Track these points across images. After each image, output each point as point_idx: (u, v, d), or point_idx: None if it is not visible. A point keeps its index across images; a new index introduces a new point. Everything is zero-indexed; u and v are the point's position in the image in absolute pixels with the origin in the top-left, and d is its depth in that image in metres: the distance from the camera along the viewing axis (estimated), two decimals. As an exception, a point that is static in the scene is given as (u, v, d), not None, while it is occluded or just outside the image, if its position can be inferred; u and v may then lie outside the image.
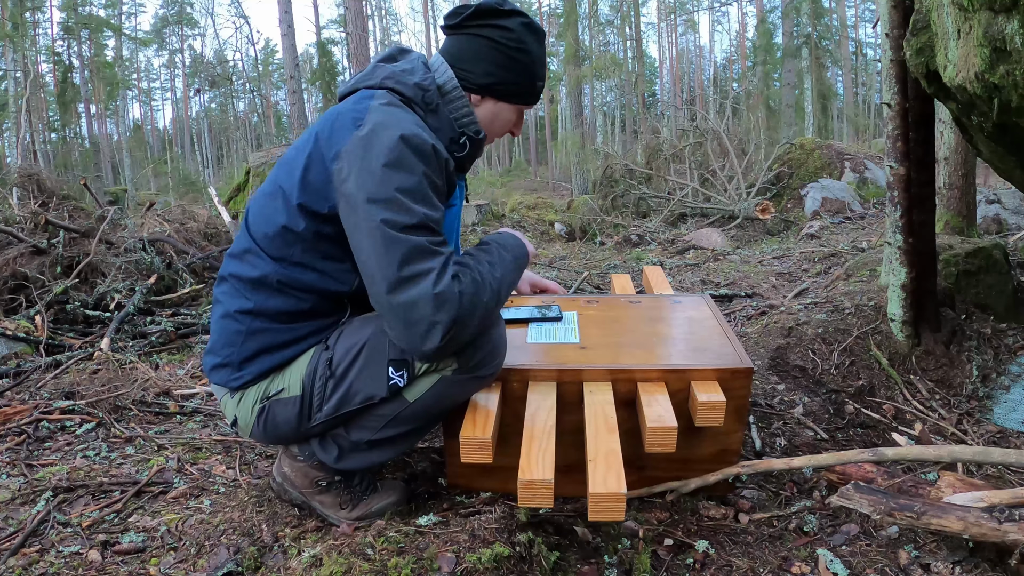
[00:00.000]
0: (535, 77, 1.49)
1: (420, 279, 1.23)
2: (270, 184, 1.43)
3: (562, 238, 7.31)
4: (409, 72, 1.41)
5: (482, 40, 1.42)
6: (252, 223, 1.43)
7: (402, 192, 1.25)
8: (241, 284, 1.41)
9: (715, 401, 1.43)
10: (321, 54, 20.70)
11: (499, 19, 1.42)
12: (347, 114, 1.34)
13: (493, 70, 1.43)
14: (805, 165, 7.82)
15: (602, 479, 1.23)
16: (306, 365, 1.40)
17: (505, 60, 1.43)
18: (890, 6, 2.12)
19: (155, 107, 44.30)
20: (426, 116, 1.40)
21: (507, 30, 1.42)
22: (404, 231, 1.23)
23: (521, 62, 1.44)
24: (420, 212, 1.25)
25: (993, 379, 2.25)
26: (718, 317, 1.86)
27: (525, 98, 1.50)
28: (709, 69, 39.21)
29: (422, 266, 1.23)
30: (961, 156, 3.74)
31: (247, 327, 1.40)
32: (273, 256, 1.38)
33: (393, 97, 1.37)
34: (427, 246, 1.25)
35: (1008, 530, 1.24)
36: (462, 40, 1.45)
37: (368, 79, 1.43)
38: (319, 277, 1.38)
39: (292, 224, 1.35)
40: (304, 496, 1.54)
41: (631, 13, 20.04)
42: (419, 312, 1.23)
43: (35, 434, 2.05)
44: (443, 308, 1.23)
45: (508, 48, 1.42)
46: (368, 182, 1.25)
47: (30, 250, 3.58)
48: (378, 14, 37.03)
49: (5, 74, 20.08)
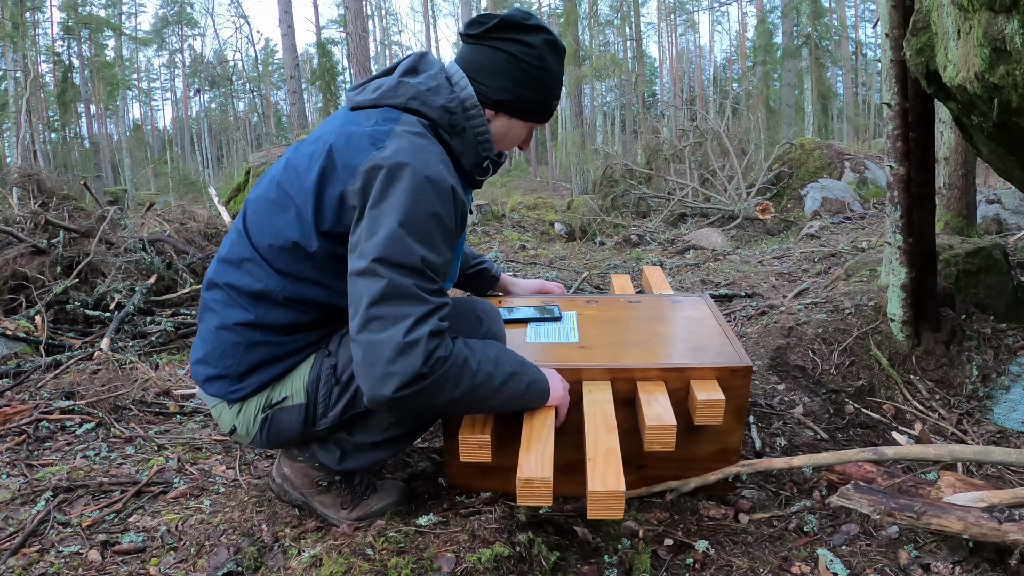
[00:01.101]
0: (551, 96, 1.45)
1: (393, 322, 1.18)
2: (276, 191, 1.35)
3: (562, 238, 7.31)
4: (435, 92, 1.35)
5: (502, 54, 1.37)
6: (254, 231, 1.37)
7: (406, 229, 1.20)
8: (240, 295, 1.36)
9: (714, 400, 1.43)
10: (321, 54, 20.70)
11: (522, 34, 1.37)
12: (366, 132, 1.29)
13: (510, 86, 1.39)
14: (805, 165, 7.82)
15: (601, 477, 1.23)
16: (308, 372, 1.38)
17: (523, 77, 1.39)
18: (890, 6, 2.12)
19: (155, 107, 44.35)
20: (451, 140, 1.37)
21: (529, 46, 1.37)
22: (393, 269, 1.19)
23: (539, 80, 1.41)
24: (418, 254, 1.20)
25: (993, 379, 2.25)
26: (717, 317, 1.86)
27: (538, 116, 1.46)
28: (709, 69, 39.22)
29: (399, 309, 1.18)
30: (961, 156, 3.75)
31: (247, 340, 1.36)
32: (280, 271, 1.33)
33: (419, 124, 1.32)
34: (412, 290, 1.19)
35: (1008, 530, 1.24)
36: (483, 52, 1.39)
37: (392, 96, 1.36)
38: (328, 294, 1.33)
39: (305, 243, 1.30)
40: (304, 496, 1.54)
41: (631, 13, 20.04)
42: (379, 355, 1.18)
43: (35, 434, 2.05)
44: (404, 360, 1.17)
45: (527, 65, 1.38)
46: (375, 215, 1.21)
47: (30, 250, 3.58)
48: (378, 14, 37.06)
49: (5, 74, 20.10)
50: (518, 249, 6.17)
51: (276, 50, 35.91)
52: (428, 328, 1.19)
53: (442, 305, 1.24)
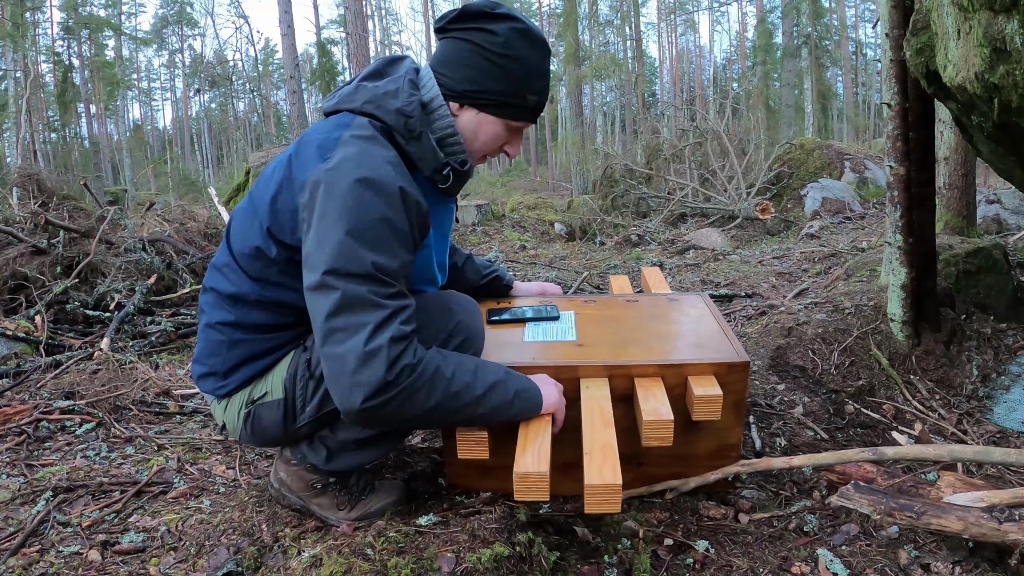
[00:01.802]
0: (524, 88, 1.35)
1: (352, 332, 1.16)
2: (249, 200, 1.40)
3: (562, 238, 7.31)
4: (392, 95, 1.32)
5: (464, 43, 1.32)
6: (233, 238, 1.41)
7: (353, 237, 1.18)
8: (221, 298, 1.41)
9: (711, 395, 1.43)
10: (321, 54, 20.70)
11: (486, 22, 1.31)
12: (315, 142, 1.29)
13: (475, 75, 1.32)
14: (805, 165, 7.83)
15: (598, 471, 1.23)
16: (287, 368, 1.41)
17: (488, 67, 1.31)
18: (890, 6, 2.12)
19: (155, 107, 44.37)
20: (407, 145, 1.32)
21: (492, 34, 1.30)
22: (345, 279, 1.17)
23: (508, 70, 1.32)
24: (369, 260, 1.18)
25: (993, 379, 2.25)
26: (715, 314, 1.86)
27: (513, 111, 1.37)
28: (709, 69, 39.22)
29: (356, 319, 1.17)
30: (961, 156, 3.75)
31: (229, 338, 1.41)
32: (251, 276, 1.37)
33: (370, 127, 1.30)
34: (367, 297, 1.17)
35: (1008, 530, 1.24)
36: (448, 44, 1.35)
37: (349, 101, 1.35)
38: (298, 296, 1.30)
39: (266, 248, 1.33)
40: (302, 500, 1.54)
41: (631, 13, 20.06)
42: (344, 367, 1.16)
43: (35, 434, 2.05)
44: (367, 369, 1.15)
45: (491, 53, 1.31)
46: (322, 227, 1.19)
47: (30, 250, 3.58)
48: (378, 14, 37.05)
49: (5, 74, 20.09)
50: (518, 249, 6.17)
51: (276, 50, 35.91)
52: (389, 334, 1.17)
53: (401, 308, 1.21)
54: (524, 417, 1.38)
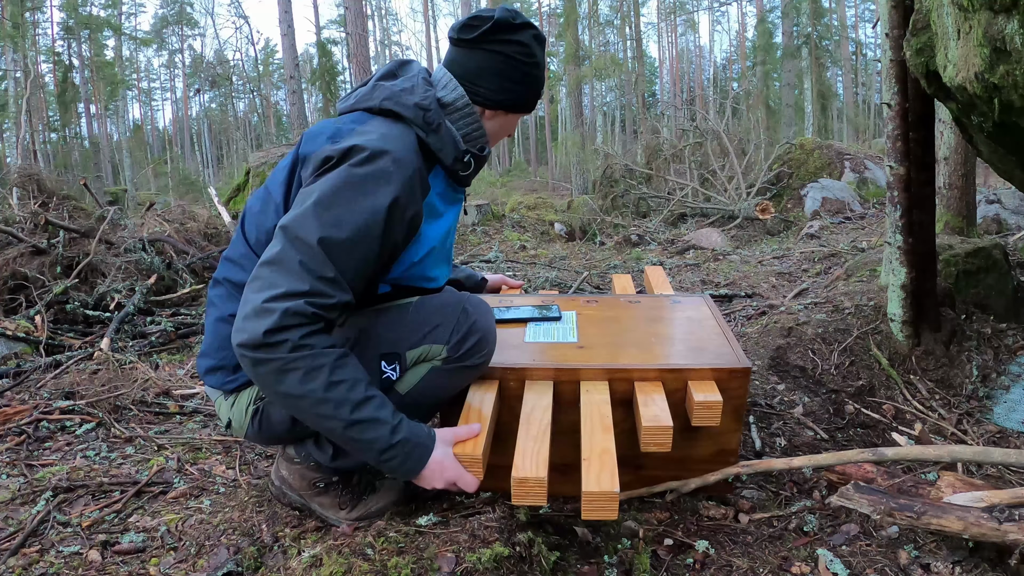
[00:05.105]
0: (540, 85, 1.51)
1: (264, 287, 1.20)
2: (263, 190, 1.45)
3: (562, 238, 7.31)
4: (409, 91, 1.38)
5: (499, 57, 1.42)
6: (247, 227, 1.44)
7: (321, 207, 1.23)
8: (236, 288, 1.40)
9: (711, 401, 1.43)
10: (321, 54, 20.67)
11: (514, 34, 1.42)
12: (327, 132, 1.35)
13: (510, 86, 1.45)
14: (805, 165, 7.83)
15: (595, 478, 1.23)
16: None
17: (520, 76, 1.45)
18: (890, 6, 2.12)
19: (155, 107, 44.38)
20: (428, 137, 1.38)
21: (522, 45, 1.42)
22: (289, 239, 1.22)
23: (531, 75, 1.47)
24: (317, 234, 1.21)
25: (993, 379, 2.25)
26: (717, 317, 1.86)
27: (530, 106, 1.53)
28: (709, 69, 39.23)
29: (274, 277, 1.20)
30: (961, 156, 3.75)
31: None
32: None
33: (390, 123, 1.36)
34: (293, 264, 1.21)
35: (1008, 530, 1.24)
36: (478, 56, 1.43)
37: (368, 100, 1.40)
38: None
39: None
40: (303, 498, 1.54)
41: (631, 13, 20.06)
42: (244, 308, 1.21)
43: (35, 434, 2.05)
44: (252, 322, 1.17)
45: (523, 64, 1.44)
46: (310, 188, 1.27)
47: (30, 250, 3.58)
48: (378, 14, 37.07)
49: (5, 74, 20.10)
50: (518, 249, 6.17)
51: (276, 50, 35.91)
52: (288, 305, 1.17)
53: (322, 293, 1.20)
54: (392, 470, 1.30)
